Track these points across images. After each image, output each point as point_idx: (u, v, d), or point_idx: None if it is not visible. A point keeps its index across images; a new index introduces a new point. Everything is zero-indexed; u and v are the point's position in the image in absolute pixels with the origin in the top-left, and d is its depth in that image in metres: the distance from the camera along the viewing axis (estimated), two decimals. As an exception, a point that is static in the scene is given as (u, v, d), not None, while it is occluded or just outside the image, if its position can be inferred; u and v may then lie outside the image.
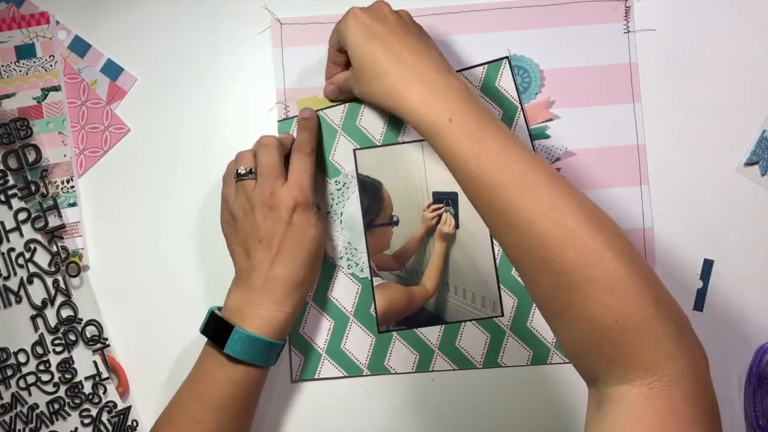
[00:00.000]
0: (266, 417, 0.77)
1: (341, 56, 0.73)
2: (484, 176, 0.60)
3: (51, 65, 0.79)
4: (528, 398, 0.76)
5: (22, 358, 0.77)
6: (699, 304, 0.76)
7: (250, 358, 0.68)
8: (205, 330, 0.70)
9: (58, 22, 0.79)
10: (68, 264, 0.77)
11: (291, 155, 0.74)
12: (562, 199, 0.58)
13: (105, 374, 0.77)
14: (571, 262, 0.55)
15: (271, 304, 0.69)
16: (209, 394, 0.69)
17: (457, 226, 0.77)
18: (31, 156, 0.78)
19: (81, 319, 0.77)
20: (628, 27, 0.77)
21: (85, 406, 0.77)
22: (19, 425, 0.76)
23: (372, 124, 0.78)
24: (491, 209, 0.60)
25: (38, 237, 0.77)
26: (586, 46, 0.77)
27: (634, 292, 0.54)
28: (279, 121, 0.78)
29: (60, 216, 0.78)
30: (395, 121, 0.77)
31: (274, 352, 0.70)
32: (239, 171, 0.72)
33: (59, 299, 0.77)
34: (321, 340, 0.77)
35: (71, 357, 0.77)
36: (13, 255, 0.77)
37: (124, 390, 0.78)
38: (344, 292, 0.77)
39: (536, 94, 0.77)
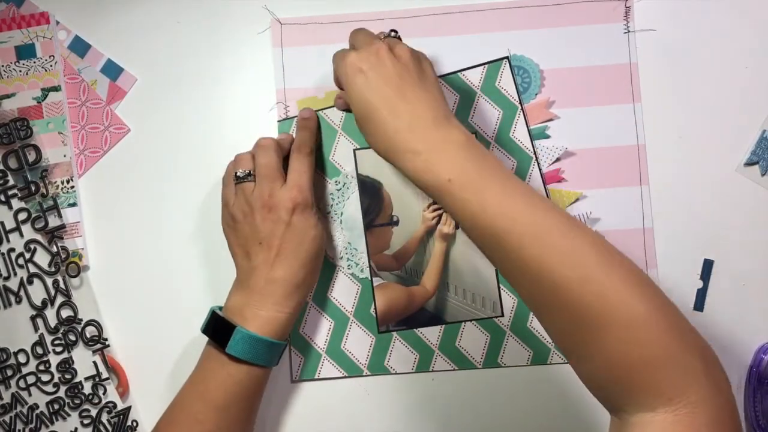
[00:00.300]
0: (266, 417, 0.77)
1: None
2: (491, 227, 0.59)
3: (51, 65, 0.79)
4: (528, 398, 0.76)
5: (22, 358, 0.77)
6: (699, 304, 0.76)
7: (252, 357, 0.68)
8: (207, 330, 0.71)
9: (58, 22, 0.79)
10: (68, 264, 0.77)
11: (290, 156, 0.74)
12: (574, 241, 0.57)
13: (105, 374, 0.77)
14: (588, 304, 0.55)
15: (271, 305, 0.69)
16: (211, 394, 0.69)
17: (457, 227, 0.77)
18: (31, 156, 0.78)
19: (81, 320, 0.77)
20: (628, 27, 0.77)
21: (85, 406, 0.77)
22: (19, 425, 0.76)
23: (372, 124, 0.78)
24: (502, 259, 0.60)
25: (38, 237, 0.77)
26: (586, 46, 0.77)
27: (655, 328, 0.54)
28: (279, 121, 0.78)
29: (60, 216, 0.78)
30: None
31: (276, 352, 0.70)
32: (238, 173, 0.72)
33: (59, 299, 0.77)
34: (321, 340, 0.77)
35: (71, 357, 0.77)
36: (13, 255, 0.77)
37: (124, 390, 0.78)
38: (344, 292, 0.77)
39: (536, 94, 0.77)
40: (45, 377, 0.77)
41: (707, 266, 0.77)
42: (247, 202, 0.70)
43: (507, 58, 0.77)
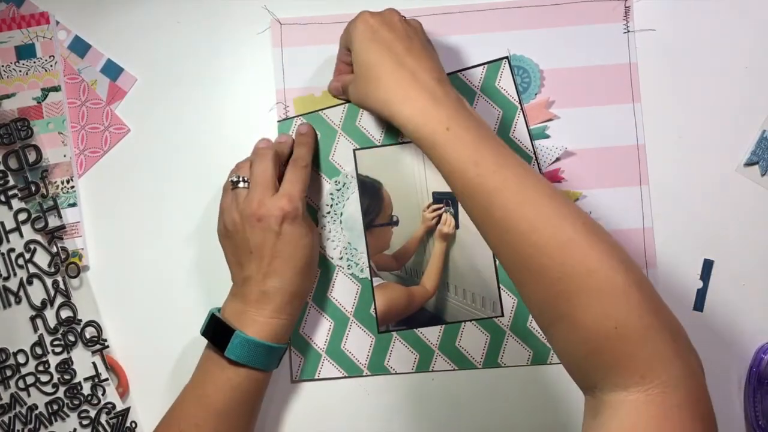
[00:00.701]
0: (266, 417, 0.77)
1: (350, 55, 0.73)
2: (483, 183, 0.60)
3: (51, 65, 0.79)
4: (528, 398, 0.76)
5: (21, 358, 0.77)
6: (699, 304, 0.76)
7: (251, 361, 0.68)
8: (206, 332, 0.71)
9: (58, 22, 0.79)
10: (68, 265, 0.77)
11: (287, 167, 0.74)
12: (560, 208, 0.58)
13: (104, 375, 0.77)
14: (570, 269, 0.56)
15: (269, 312, 0.69)
16: (210, 398, 0.69)
17: (457, 226, 0.77)
18: (32, 156, 0.78)
19: (80, 320, 0.77)
20: (627, 27, 0.77)
21: (84, 407, 0.77)
22: (18, 426, 0.76)
23: (372, 124, 0.78)
24: (489, 217, 0.60)
25: (38, 237, 0.77)
26: (586, 46, 0.77)
27: (633, 300, 0.54)
28: (279, 121, 0.78)
29: (60, 216, 0.78)
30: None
31: (275, 356, 0.70)
32: (233, 179, 0.72)
33: (59, 300, 0.77)
34: (321, 340, 0.77)
35: (70, 358, 0.77)
36: (13, 255, 0.77)
37: (124, 390, 0.78)
38: (344, 292, 0.77)
39: (536, 94, 0.77)
40: (44, 378, 0.77)
41: (707, 266, 0.77)
42: (239, 210, 0.70)
43: (507, 58, 0.77)
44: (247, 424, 0.72)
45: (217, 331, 0.69)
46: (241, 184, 0.71)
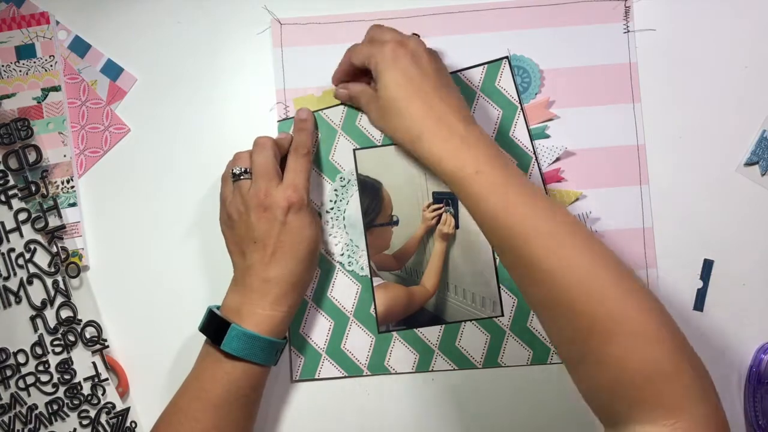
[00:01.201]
0: (266, 417, 0.77)
1: (357, 69, 0.73)
2: (513, 228, 0.61)
3: (51, 65, 0.79)
4: (528, 398, 0.76)
5: (21, 358, 0.77)
6: (699, 304, 0.76)
7: (248, 355, 0.68)
8: (204, 328, 0.71)
9: (58, 22, 0.79)
10: (68, 265, 0.77)
11: (288, 156, 0.74)
12: (592, 253, 0.59)
13: (104, 375, 0.77)
14: (602, 315, 0.57)
15: (267, 303, 0.69)
16: (208, 392, 0.69)
17: (457, 226, 0.77)
18: (32, 156, 0.78)
19: (80, 320, 0.77)
20: (627, 27, 0.77)
21: (84, 407, 0.77)
22: (18, 425, 0.76)
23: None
24: (517, 261, 0.61)
25: (38, 237, 0.77)
26: (586, 46, 0.77)
27: (665, 344, 0.56)
28: (279, 121, 0.78)
29: (60, 217, 0.78)
30: (395, 121, 0.77)
31: (272, 351, 0.70)
32: (234, 171, 0.72)
33: (59, 300, 0.77)
34: (321, 340, 0.77)
35: (70, 358, 0.77)
36: (13, 255, 0.77)
37: (124, 390, 0.78)
38: (344, 292, 0.77)
39: (536, 93, 0.77)
40: (44, 377, 0.77)
41: (707, 266, 0.77)
42: (243, 200, 0.71)
43: (507, 57, 0.77)
44: (247, 419, 0.72)
45: (214, 327, 0.69)
46: (243, 176, 0.72)
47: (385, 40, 0.69)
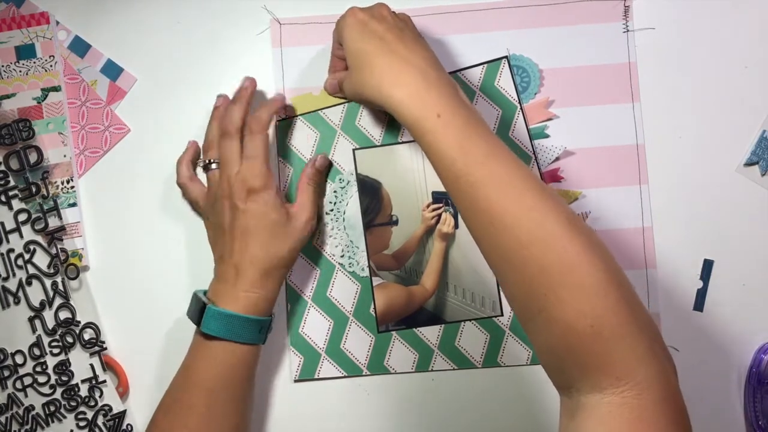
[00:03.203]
0: (266, 417, 0.77)
1: (342, 49, 0.73)
2: (469, 174, 0.60)
3: (51, 65, 0.79)
4: (528, 398, 0.76)
5: (19, 359, 0.76)
6: (699, 304, 0.76)
7: (227, 334, 0.69)
8: (188, 312, 0.72)
9: (58, 22, 0.79)
10: (67, 266, 0.77)
11: (244, 137, 0.73)
12: (544, 202, 0.58)
13: (102, 377, 0.77)
14: (549, 263, 0.56)
15: (244, 287, 0.70)
16: (198, 376, 0.69)
17: (456, 226, 0.77)
18: (33, 157, 0.78)
19: (79, 322, 0.77)
20: (627, 26, 0.77)
21: (81, 408, 0.77)
22: (15, 426, 0.76)
23: (371, 123, 0.78)
24: (473, 207, 0.60)
25: (38, 238, 0.77)
26: (585, 46, 0.77)
27: (610, 298, 0.54)
28: (278, 121, 0.78)
29: (60, 218, 0.78)
30: (395, 121, 0.77)
31: (254, 328, 0.70)
32: (205, 162, 0.74)
33: (57, 301, 0.77)
34: (320, 340, 0.77)
35: (68, 359, 0.77)
36: (13, 256, 0.77)
37: (124, 390, 0.78)
38: (344, 291, 0.77)
39: (535, 93, 0.77)
40: (42, 379, 0.77)
41: (707, 266, 0.76)
42: (212, 192, 0.73)
43: (506, 57, 0.78)
44: (240, 401, 0.71)
45: (196, 310, 0.70)
46: (213, 166, 0.73)
47: (348, 9, 0.70)
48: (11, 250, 0.77)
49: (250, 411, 0.73)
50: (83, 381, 0.77)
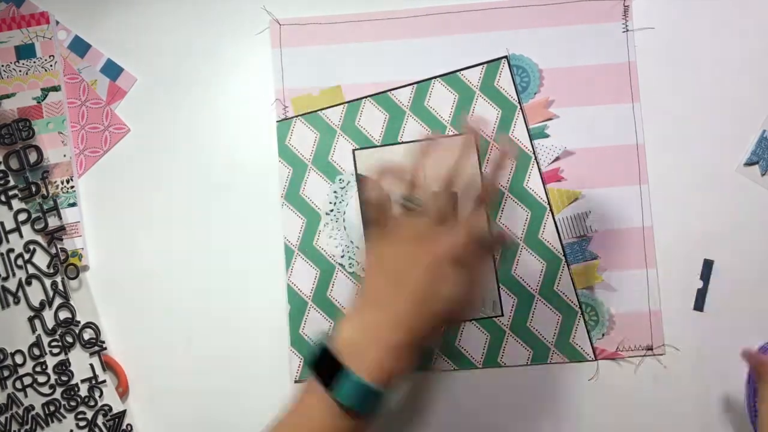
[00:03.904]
0: (266, 417, 0.76)
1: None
2: None
3: (51, 65, 0.79)
4: (528, 398, 0.76)
5: (18, 359, 0.76)
6: (699, 304, 0.76)
7: (359, 407, 0.59)
8: (316, 365, 0.60)
9: (58, 22, 0.80)
10: (67, 266, 0.77)
11: (462, 197, 0.65)
12: None
13: (101, 377, 0.77)
14: None
15: (384, 351, 0.59)
16: None
17: (456, 226, 0.76)
18: (33, 157, 0.78)
19: (78, 322, 0.77)
20: (626, 26, 0.78)
21: (81, 408, 0.77)
22: (15, 426, 0.76)
23: (371, 124, 0.78)
24: None
25: (38, 238, 0.77)
26: (585, 45, 0.78)
27: None
28: (278, 121, 0.78)
29: (60, 218, 0.78)
30: (394, 121, 0.77)
31: (383, 404, 0.61)
32: (404, 199, 0.64)
33: (57, 301, 0.77)
34: (320, 340, 0.77)
35: (68, 359, 0.77)
36: (12, 256, 0.77)
37: (124, 390, 0.77)
38: (344, 292, 0.77)
39: (535, 93, 0.77)
40: (41, 379, 0.76)
41: (707, 266, 0.76)
42: (406, 227, 0.63)
43: (506, 57, 0.78)
44: None
45: (325, 365, 0.59)
46: (411, 205, 0.64)
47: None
48: (11, 250, 0.77)
49: None
50: (83, 381, 0.77)
